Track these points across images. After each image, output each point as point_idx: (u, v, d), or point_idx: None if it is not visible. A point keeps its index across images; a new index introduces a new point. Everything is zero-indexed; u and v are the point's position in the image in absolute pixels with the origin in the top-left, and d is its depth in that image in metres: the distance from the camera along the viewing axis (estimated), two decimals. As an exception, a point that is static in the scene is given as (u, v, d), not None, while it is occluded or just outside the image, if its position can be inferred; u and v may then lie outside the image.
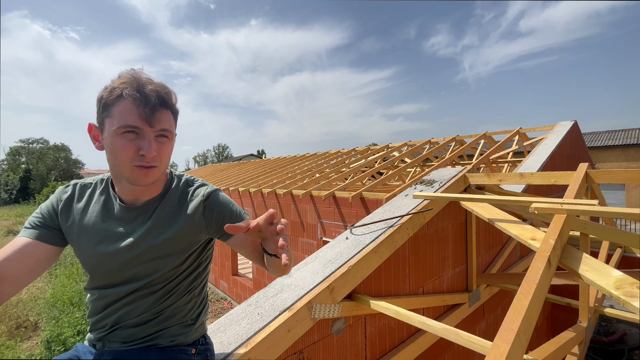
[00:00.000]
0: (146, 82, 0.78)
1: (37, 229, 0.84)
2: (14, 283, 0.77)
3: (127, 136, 0.77)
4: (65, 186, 0.92)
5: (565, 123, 6.02)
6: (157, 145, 0.80)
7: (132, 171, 0.79)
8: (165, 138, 0.82)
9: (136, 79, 0.77)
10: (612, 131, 17.87)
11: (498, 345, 0.85)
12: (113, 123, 0.76)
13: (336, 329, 1.53)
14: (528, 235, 1.50)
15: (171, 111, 0.83)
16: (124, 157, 0.77)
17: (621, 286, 1.04)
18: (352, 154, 8.47)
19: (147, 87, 0.77)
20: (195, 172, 16.66)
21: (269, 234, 0.76)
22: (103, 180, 0.93)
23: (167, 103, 0.80)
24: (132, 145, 0.77)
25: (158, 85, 0.79)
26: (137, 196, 0.88)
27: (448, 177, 2.37)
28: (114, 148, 0.77)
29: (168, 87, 0.82)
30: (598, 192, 2.17)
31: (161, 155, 0.81)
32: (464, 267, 2.49)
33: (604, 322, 5.17)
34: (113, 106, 0.76)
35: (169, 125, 0.82)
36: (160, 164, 0.82)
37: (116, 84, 0.77)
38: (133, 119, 0.76)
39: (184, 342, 0.95)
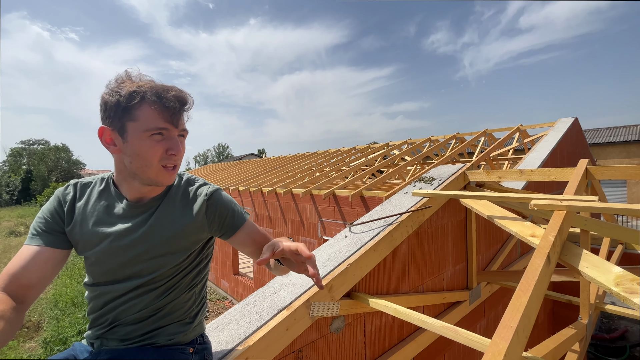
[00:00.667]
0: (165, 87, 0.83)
1: (45, 235, 0.85)
2: (37, 288, 0.81)
3: (155, 138, 0.81)
4: (66, 187, 0.92)
5: (565, 120, 6.00)
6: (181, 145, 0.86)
7: (159, 172, 0.83)
8: (183, 137, 0.88)
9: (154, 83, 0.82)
10: (613, 127, 17.79)
11: (496, 343, 0.84)
12: (139, 126, 0.79)
13: (335, 328, 1.53)
14: (528, 232, 1.49)
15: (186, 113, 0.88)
16: (154, 158, 0.81)
17: (621, 282, 1.03)
18: (352, 153, 8.46)
19: (170, 92, 0.81)
20: (196, 171, 16.68)
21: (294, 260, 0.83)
22: (103, 180, 0.93)
23: (187, 107, 0.86)
24: (160, 145, 0.81)
25: (177, 90, 0.85)
26: (143, 195, 0.89)
27: (447, 174, 2.36)
28: (142, 150, 0.80)
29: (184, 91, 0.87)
30: (598, 188, 2.16)
31: (181, 155, 0.87)
32: (464, 265, 2.48)
33: (606, 319, 5.16)
34: (135, 110, 0.79)
35: (185, 125, 0.88)
36: (180, 162, 0.88)
37: (133, 88, 0.79)
38: (162, 122, 0.80)
39: (182, 340, 0.95)
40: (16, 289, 0.77)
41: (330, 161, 8.04)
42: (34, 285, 0.79)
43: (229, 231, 0.98)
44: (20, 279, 0.78)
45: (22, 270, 0.78)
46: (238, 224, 0.99)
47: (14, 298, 0.75)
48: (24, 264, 0.79)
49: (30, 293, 0.79)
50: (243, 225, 0.99)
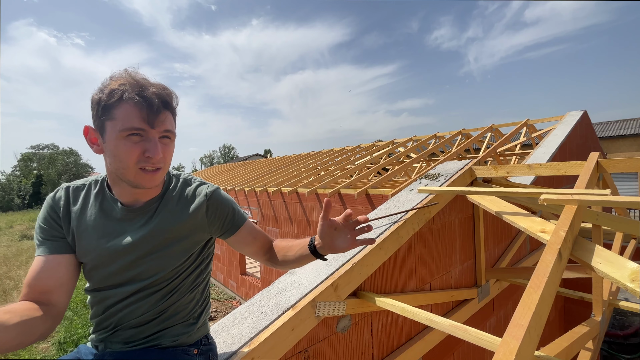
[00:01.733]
0: (146, 83, 0.78)
1: (47, 243, 0.83)
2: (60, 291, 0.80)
3: (132, 139, 0.76)
4: (55, 192, 0.89)
5: (574, 113, 5.88)
6: (162, 147, 0.79)
7: (137, 174, 0.78)
8: (168, 139, 0.82)
9: (136, 80, 0.77)
10: (623, 120, 17.40)
11: (507, 342, 0.82)
12: (116, 126, 0.75)
13: (342, 327, 1.51)
14: (537, 228, 1.46)
15: (171, 112, 0.83)
16: (130, 160, 0.77)
17: (637, 278, 1.00)
18: (357, 151, 8.42)
19: (149, 90, 0.76)
20: (202, 172, 16.79)
21: (347, 228, 0.87)
22: (97, 182, 0.91)
23: (169, 104, 0.80)
24: (137, 147, 0.76)
25: (159, 87, 0.79)
26: (137, 198, 0.86)
27: (454, 170, 2.33)
28: (119, 151, 0.76)
29: (169, 88, 0.82)
30: (610, 182, 2.10)
31: (165, 157, 0.81)
32: (472, 262, 2.45)
33: (619, 316, 5.05)
34: (114, 109, 0.75)
35: (171, 126, 0.82)
36: (164, 165, 0.82)
37: (114, 86, 0.75)
38: (138, 122, 0.75)
39: (186, 342, 0.94)
40: (36, 296, 0.77)
41: (335, 160, 8.01)
42: (52, 290, 0.79)
43: (230, 230, 0.97)
44: (35, 287, 0.78)
45: (36, 280, 0.78)
46: (239, 222, 0.97)
47: (37, 303, 0.76)
48: (37, 274, 0.79)
49: (52, 297, 0.78)
50: (244, 224, 0.98)
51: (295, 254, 0.95)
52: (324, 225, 0.86)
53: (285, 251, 0.99)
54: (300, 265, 1.00)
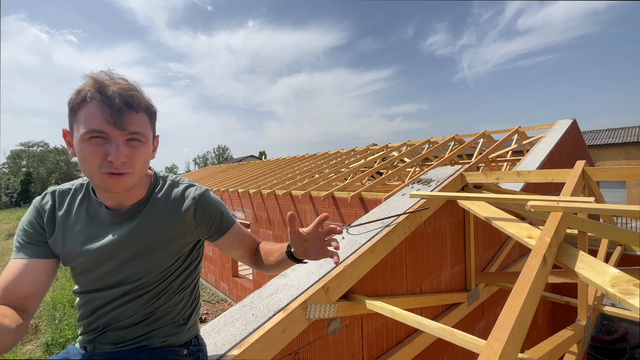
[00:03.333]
0: (110, 83, 0.73)
1: (31, 247, 0.82)
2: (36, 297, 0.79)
3: (95, 141, 0.72)
4: (43, 196, 0.88)
5: (564, 121, 6.01)
6: (129, 150, 0.75)
7: (102, 178, 0.74)
8: (137, 142, 0.76)
9: (99, 80, 0.73)
10: (612, 129, 17.82)
11: (491, 344, 0.84)
12: (79, 128, 0.72)
13: (332, 329, 1.52)
14: (524, 234, 1.49)
15: (145, 112, 0.78)
16: (93, 164, 0.73)
17: (617, 284, 1.03)
18: (351, 154, 8.46)
19: (110, 89, 0.71)
20: (196, 173, 16.67)
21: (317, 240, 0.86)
22: (83, 186, 0.89)
23: (133, 104, 0.74)
24: (100, 150, 0.72)
25: (123, 86, 0.73)
26: (120, 201, 0.85)
27: (445, 175, 2.37)
28: (83, 155, 0.73)
29: (135, 87, 0.76)
30: (595, 190, 2.16)
31: (133, 161, 0.76)
32: (462, 266, 2.48)
33: (606, 321, 5.15)
34: (79, 110, 0.72)
35: (141, 128, 0.76)
36: (133, 170, 0.76)
37: (83, 87, 0.73)
38: (99, 123, 0.71)
39: (176, 342, 0.94)
40: (13, 300, 0.75)
41: (330, 163, 8.04)
42: (30, 295, 0.77)
43: (217, 233, 0.96)
44: (14, 292, 0.75)
45: (14, 284, 0.76)
46: (227, 226, 0.96)
47: (12, 308, 0.73)
48: (16, 278, 0.76)
49: (28, 303, 0.77)
50: (232, 227, 0.98)
51: (276, 258, 0.95)
52: (292, 238, 0.86)
53: (267, 255, 0.98)
54: (283, 269, 0.99)
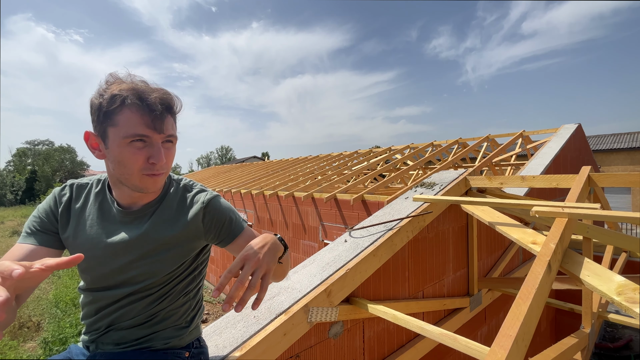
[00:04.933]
0: (148, 89, 0.77)
1: (39, 234, 0.83)
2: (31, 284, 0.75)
3: (136, 145, 0.76)
4: (62, 187, 0.90)
5: (569, 126, 5.97)
6: (164, 152, 0.80)
7: (142, 179, 0.79)
8: (170, 143, 0.82)
9: (137, 85, 0.76)
10: (617, 134, 17.68)
11: (495, 352, 0.83)
12: (119, 132, 0.75)
13: (333, 333, 1.51)
14: (529, 239, 1.48)
15: (173, 116, 0.83)
16: (134, 166, 0.77)
17: (623, 292, 1.02)
18: (354, 157, 8.46)
19: (152, 95, 0.75)
20: (199, 173, 16.74)
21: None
22: (100, 181, 0.91)
23: (172, 109, 0.80)
24: (142, 153, 0.76)
25: (162, 92, 0.78)
26: (135, 201, 0.87)
27: (449, 179, 2.36)
28: (122, 157, 0.76)
29: (170, 93, 0.81)
30: (601, 196, 2.14)
31: (168, 161, 0.82)
32: (465, 271, 2.46)
33: (610, 328, 5.09)
34: (116, 115, 0.74)
35: (174, 130, 0.82)
36: (167, 170, 0.82)
37: (115, 91, 0.74)
38: (142, 128, 0.75)
39: (178, 344, 0.94)
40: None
41: (333, 165, 8.04)
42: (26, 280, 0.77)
43: (226, 239, 0.95)
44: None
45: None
46: (235, 232, 0.95)
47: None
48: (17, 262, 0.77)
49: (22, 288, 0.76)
50: (241, 233, 0.97)
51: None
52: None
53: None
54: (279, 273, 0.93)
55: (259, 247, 0.75)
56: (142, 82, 0.79)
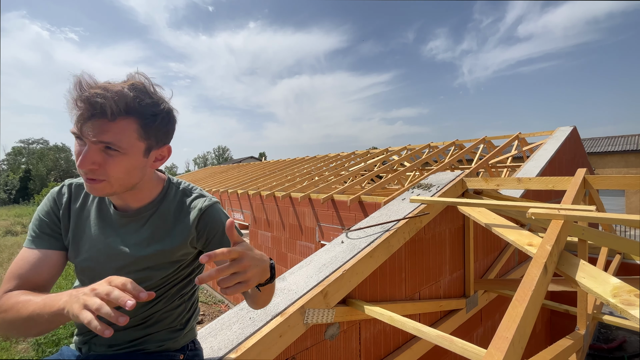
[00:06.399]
0: (95, 85, 0.68)
1: (47, 237, 0.82)
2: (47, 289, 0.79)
3: (78, 142, 0.71)
4: (60, 187, 0.89)
5: (564, 128, 6.02)
6: (103, 158, 0.70)
7: (83, 179, 0.74)
8: (114, 151, 0.70)
9: (84, 80, 0.68)
10: (611, 137, 17.88)
11: (492, 354, 0.83)
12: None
13: (330, 335, 1.51)
14: (525, 241, 1.49)
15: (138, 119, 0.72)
16: (76, 163, 0.74)
17: (618, 294, 1.03)
18: (351, 157, 8.46)
19: (86, 92, 0.67)
20: (195, 174, 16.66)
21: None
22: None
23: (106, 113, 0.67)
24: (78, 151, 0.71)
25: (100, 90, 0.67)
26: (126, 203, 0.85)
27: (446, 181, 2.36)
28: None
29: (128, 92, 0.69)
30: (596, 198, 2.16)
31: (106, 169, 0.71)
32: (462, 273, 2.47)
33: (604, 329, 5.13)
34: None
35: (116, 139, 0.69)
36: (108, 178, 0.72)
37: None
38: (74, 126, 0.70)
39: (172, 347, 0.93)
40: (29, 288, 0.75)
41: (330, 166, 8.04)
42: (45, 285, 0.78)
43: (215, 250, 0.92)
44: (31, 280, 0.76)
45: (33, 273, 0.77)
46: (226, 244, 0.88)
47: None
48: (33, 267, 0.77)
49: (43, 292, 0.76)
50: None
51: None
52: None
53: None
54: (255, 303, 0.86)
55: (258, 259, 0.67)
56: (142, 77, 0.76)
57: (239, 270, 0.62)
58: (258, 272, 0.66)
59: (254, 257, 0.65)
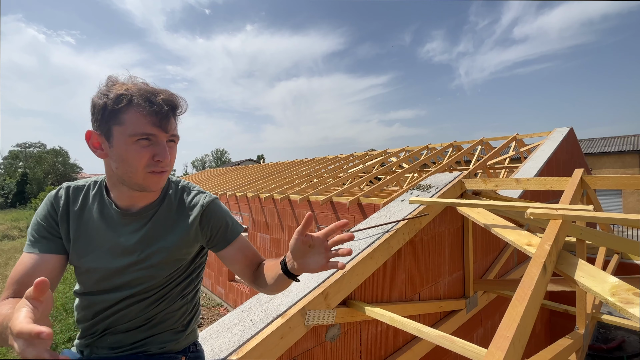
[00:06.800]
0: (154, 90, 0.79)
1: (45, 241, 0.82)
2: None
3: (142, 143, 0.77)
4: (57, 191, 0.89)
5: (561, 129, 6.06)
6: (169, 150, 0.81)
7: (146, 177, 0.79)
8: (173, 143, 0.84)
9: (142, 86, 0.79)
10: (608, 138, 18.00)
11: (492, 353, 0.84)
12: (125, 131, 0.76)
13: (331, 336, 1.51)
14: (524, 241, 1.49)
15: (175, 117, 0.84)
16: (139, 164, 0.78)
17: (617, 292, 1.04)
18: (350, 159, 8.48)
19: (159, 96, 0.78)
20: (194, 176, 16.63)
21: (322, 247, 0.78)
22: (96, 183, 0.90)
23: (177, 110, 0.82)
24: (147, 151, 0.78)
25: (168, 93, 0.81)
26: (134, 202, 0.86)
27: (444, 182, 2.37)
28: (128, 155, 0.77)
29: (176, 94, 0.83)
30: (594, 198, 2.17)
31: (172, 160, 0.83)
32: (461, 273, 2.48)
33: (603, 329, 5.14)
34: (122, 114, 0.75)
35: (177, 131, 0.84)
36: (170, 168, 0.84)
37: (121, 91, 0.75)
38: (149, 127, 0.76)
39: (174, 349, 0.93)
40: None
41: (328, 168, 8.05)
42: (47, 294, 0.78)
43: (220, 244, 0.94)
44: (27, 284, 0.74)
45: (28, 277, 0.76)
46: (230, 238, 0.94)
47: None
48: (31, 272, 0.77)
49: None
50: (235, 239, 0.95)
51: (273, 274, 0.88)
52: (298, 240, 0.77)
53: (267, 271, 0.91)
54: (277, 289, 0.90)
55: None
56: (144, 83, 0.81)
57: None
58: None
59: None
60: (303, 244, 0.78)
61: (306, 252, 0.79)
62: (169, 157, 0.81)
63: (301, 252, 0.79)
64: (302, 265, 0.80)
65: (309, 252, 0.79)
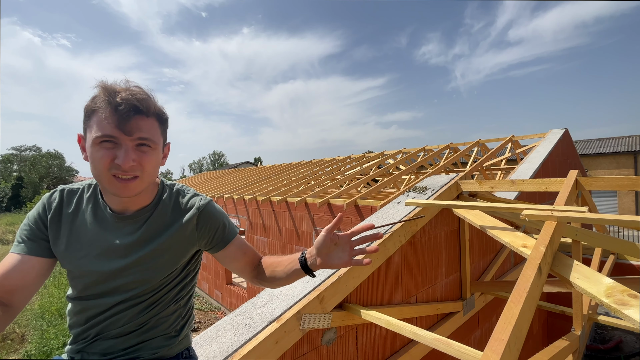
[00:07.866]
0: (121, 89, 0.75)
1: (29, 243, 0.82)
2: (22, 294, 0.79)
3: (105, 145, 0.74)
4: (52, 193, 0.88)
5: (556, 131, 6.10)
6: (138, 155, 0.76)
7: (111, 182, 0.76)
8: (147, 147, 0.78)
9: (109, 87, 0.75)
10: (603, 139, 18.17)
11: (488, 356, 0.83)
12: (92, 133, 0.75)
13: (327, 340, 1.50)
14: (519, 243, 1.49)
15: (156, 119, 0.80)
16: (102, 167, 0.75)
17: (612, 294, 1.03)
18: (347, 162, 8.48)
19: (120, 95, 0.74)
20: (191, 179, 16.56)
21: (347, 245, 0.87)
22: (91, 186, 0.89)
23: (143, 110, 0.75)
24: (109, 154, 0.74)
25: (133, 92, 0.75)
26: (126, 206, 0.85)
27: (440, 184, 2.37)
28: (93, 157, 0.76)
29: (146, 93, 0.78)
30: (588, 199, 2.18)
31: (143, 165, 0.77)
32: (458, 275, 2.47)
33: (600, 330, 5.16)
34: (92, 116, 0.75)
35: (151, 134, 0.78)
36: (142, 174, 0.78)
37: (97, 93, 0.75)
38: (109, 128, 0.73)
39: (167, 355, 0.92)
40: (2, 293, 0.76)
41: (326, 170, 8.05)
42: (15, 290, 0.77)
43: (219, 245, 0.95)
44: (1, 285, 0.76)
45: (3, 278, 0.77)
46: (229, 237, 0.95)
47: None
48: (6, 272, 0.77)
49: (14, 298, 0.77)
50: (234, 239, 0.96)
51: (285, 269, 0.92)
52: (326, 237, 0.85)
53: (274, 267, 0.95)
54: (288, 282, 0.96)
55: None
56: (136, 87, 0.78)
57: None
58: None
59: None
60: (331, 241, 0.86)
61: (331, 249, 0.87)
62: (131, 162, 0.75)
63: (327, 248, 0.86)
64: (325, 261, 0.87)
65: (334, 249, 0.87)
